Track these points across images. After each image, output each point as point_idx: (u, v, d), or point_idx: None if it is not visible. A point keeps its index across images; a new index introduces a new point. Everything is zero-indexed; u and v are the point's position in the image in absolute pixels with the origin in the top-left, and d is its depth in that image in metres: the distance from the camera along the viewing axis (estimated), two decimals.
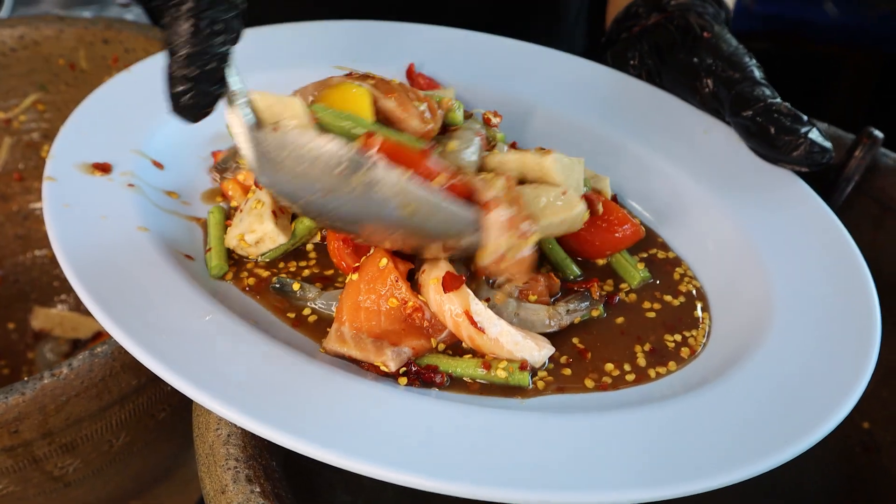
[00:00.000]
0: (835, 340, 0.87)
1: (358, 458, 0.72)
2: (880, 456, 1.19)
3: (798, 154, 1.01)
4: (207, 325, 0.83)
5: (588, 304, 0.94)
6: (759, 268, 0.97)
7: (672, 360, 0.91)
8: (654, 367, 0.90)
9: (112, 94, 1.09)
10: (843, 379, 0.83)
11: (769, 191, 1.05)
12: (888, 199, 1.15)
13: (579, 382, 0.87)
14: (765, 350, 0.87)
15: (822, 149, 1.01)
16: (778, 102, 1.03)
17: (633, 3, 1.23)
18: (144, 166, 1.02)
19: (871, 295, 0.91)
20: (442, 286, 0.86)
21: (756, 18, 2.80)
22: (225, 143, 1.10)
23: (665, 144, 1.13)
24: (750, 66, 1.08)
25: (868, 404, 0.83)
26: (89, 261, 0.86)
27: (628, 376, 0.88)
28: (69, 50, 1.43)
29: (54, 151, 0.99)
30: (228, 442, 0.80)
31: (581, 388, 0.86)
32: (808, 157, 1.01)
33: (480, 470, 0.72)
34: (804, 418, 0.80)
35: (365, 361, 0.85)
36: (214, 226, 0.98)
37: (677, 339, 0.93)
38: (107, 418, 1.02)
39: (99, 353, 0.97)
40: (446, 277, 0.86)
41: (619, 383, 0.87)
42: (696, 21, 1.15)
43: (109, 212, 0.93)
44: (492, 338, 0.85)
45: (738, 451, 0.76)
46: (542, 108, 1.17)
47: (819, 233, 0.99)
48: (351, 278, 0.89)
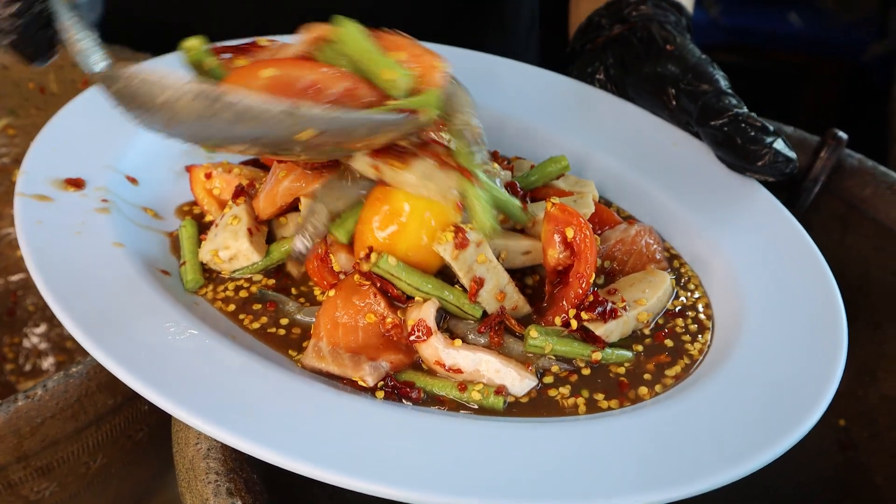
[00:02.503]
0: (805, 344, 0.89)
1: (338, 470, 0.72)
2: (857, 453, 1.20)
3: (763, 164, 1.04)
4: (185, 341, 0.82)
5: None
6: (728, 276, 0.98)
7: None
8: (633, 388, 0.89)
9: (83, 109, 1.08)
10: (815, 380, 0.85)
11: (737, 203, 1.06)
12: (854, 199, 1.17)
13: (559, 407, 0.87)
14: (737, 357, 0.88)
15: (786, 159, 1.03)
16: (745, 113, 1.06)
17: (595, 14, 1.24)
18: (118, 181, 1.01)
19: (837, 299, 0.93)
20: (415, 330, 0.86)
21: (723, 30, 2.85)
22: (199, 157, 1.10)
23: (634, 156, 1.14)
24: (716, 76, 1.10)
25: (843, 402, 0.84)
26: (64, 277, 0.85)
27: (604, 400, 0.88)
28: (39, 73, 1.43)
29: (26, 167, 0.98)
30: (209, 456, 0.80)
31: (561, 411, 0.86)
32: (773, 166, 1.04)
33: (466, 480, 0.72)
34: (780, 421, 0.81)
35: (343, 377, 0.85)
36: (187, 239, 0.98)
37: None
38: (83, 440, 1.01)
39: (74, 373, 0.96)
40: (419, 324, 0.86)
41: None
42: (659, 32, 1.16)
43: (83, 228, 0.92)
44: (470, 371, 0.86)
45: (716, 457, 0.77)
46: (511, 120, 1.18)
47: (784, 241, 1.01)
48: (328, 294, 0.89)
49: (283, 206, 0.97)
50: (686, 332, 0.95)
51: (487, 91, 1.21)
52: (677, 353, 0.92)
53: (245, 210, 0.98)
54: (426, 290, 0.88)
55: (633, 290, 0.95)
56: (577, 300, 0.90)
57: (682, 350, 0.92)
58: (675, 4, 1.21)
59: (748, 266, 0.98)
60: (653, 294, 0.95)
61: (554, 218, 0.91)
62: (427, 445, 0.76)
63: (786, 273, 0.97)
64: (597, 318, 0.90)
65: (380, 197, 0.90)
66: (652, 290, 0.95)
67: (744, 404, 0.83)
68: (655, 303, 0.95)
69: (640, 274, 0.98)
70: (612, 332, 0.91)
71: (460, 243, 0.87)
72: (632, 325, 0.93)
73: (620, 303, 0.92)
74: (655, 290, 0.95)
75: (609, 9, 1.22)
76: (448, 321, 0.90)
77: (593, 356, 0.89)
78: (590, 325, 0.90)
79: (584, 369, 0.89)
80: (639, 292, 0.95)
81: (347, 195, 0.90)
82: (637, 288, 0.95)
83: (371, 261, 0.87)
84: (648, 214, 1.10)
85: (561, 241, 0.91)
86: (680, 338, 0.94)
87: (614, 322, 0.90)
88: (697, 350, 0.93)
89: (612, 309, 0.90)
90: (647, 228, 1.01)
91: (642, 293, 0.94)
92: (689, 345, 0.93)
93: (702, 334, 0.95)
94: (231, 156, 1.11)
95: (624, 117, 1.18)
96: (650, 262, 1.00)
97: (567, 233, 0.90)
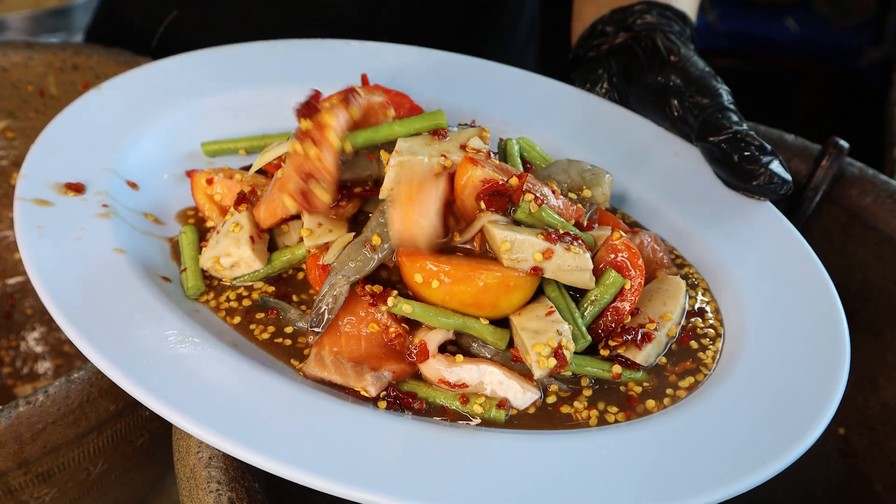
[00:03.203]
0: (808, 355, 0.89)
1: (339, 480, 0.72)
2: (857, 461, 1.20)
3: (758, 183, 1.04)
4: (186, 348, 0.82)
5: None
6: (730, 288, 0.98)
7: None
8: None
9: (83, 112, 1.07)
10: (819, 392, 0.85)
11: (740, 215, 1.06)
12: (855, 207, 1.17)
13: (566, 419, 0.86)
14: (740, 369, 0.88)
15: (781, 180, 1.04)
16: (744, 130, 1.06)
17: (598, 21, 1.24)
18: (118, 186, 1.01)
19: (839, 311, 0.93)
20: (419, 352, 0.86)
21: (720, 36, 2.85)
22: (200, 162, 1.10)
23: (636, 166, 1.13)
24: (718, 90, 1.10)
25: (843, 410, 0.84)
26: (65, 283, 0.85)
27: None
28: (38, 76, 1.42)
29: (25, 171, 0.97)
30: (210, 465, 0.80)
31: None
32: (768, 187, 1.04)
33: (466, 491, 0.72)
34: (785, 433, 0.81)
35: (345, 386, 0.85)
36: (188, 246, 0.97)
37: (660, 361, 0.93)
38: (84, 445, 1.01)
39: (75, 378, 0.96)
40: (420, 345, 0.86)
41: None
42: (664, 42, 1.16)
43: (83, 234, 0.92)
44: (475, 384, 0.86)
45: (719, 470, 0.77)
46: (513, 129, 1.17)
47: (787, 252, 1.01)
48: None
49: (284, 217, 0.96)
50: (705, 336, 0.94)
51: (488, 99, 1.21)
52: (693, 361, 0.92)
53: (247, 217, 0.97)
54: (449, 325, 0.87)
55: (655, 305, 0.94)
56: (608, 332, 0.90)
57: (697, 360, 0.92)
58: (679, 14, 1.21)
59: (750, 277, 0.98)
60: (674, 305, 0.94)
61: (614, 249, 0.92)
62: (428, 456, 0.76)
63: (787, 284, 0.97)
64: (627, 344, 0.89)
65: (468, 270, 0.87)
66: (672, 300, 0.95)
67: (747, 417, 0.83)
68: (679, 312, 0.95)
69: (654, 283, 0.97)
70: (650, 355, 0.90)
71: (560, 366, 0.84)
72: (664, 342, 0.93)
73: (650, 324, 0.91)
74: (676, 300, 0.95)
75: (613, 17, 1.22)
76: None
77: (613, 370, 0.88)
78: (628, 353, 0.89)
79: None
80: (660, 305, 0.94)
81: (366, 265, 0.89)
82: (657, 301, 0.95)
83: (388, 304, 0.86)
84: (650, 224, 1.10)
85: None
86: (700, 340, 0.94)
87: (650, 345, 0.90)
88: (710, 358, 0.92)
89: (646, 333, 0.90)
90: (651, 235, 1.01)
91: (664, 306, 0.94)
92: (701, 353, 0.93)
93: (713, 342, 0.94)
94: (232, 161, 1.10)
95: (626, 126, 1.18)
96: (660, 269, 1.00)
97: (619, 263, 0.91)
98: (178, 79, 1.15)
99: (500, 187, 0.88)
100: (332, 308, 0.88)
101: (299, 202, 0.90)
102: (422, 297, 0.88)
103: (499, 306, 0.87)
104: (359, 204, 0.96)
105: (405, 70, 1.19)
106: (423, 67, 1.22)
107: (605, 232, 0.95)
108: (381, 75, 1.13)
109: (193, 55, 1.18)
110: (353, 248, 0.90)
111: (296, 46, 1.21)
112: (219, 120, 1.12)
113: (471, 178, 0.88)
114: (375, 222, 0.91)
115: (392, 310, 0.86)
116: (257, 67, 1.19)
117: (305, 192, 0.89)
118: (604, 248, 0.93)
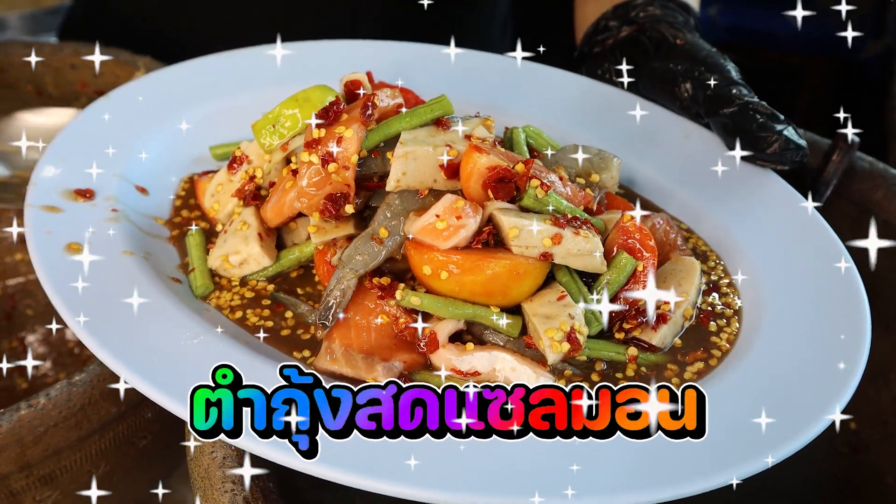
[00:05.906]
0: (825, 341, 0.87)
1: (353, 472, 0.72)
2: (868, 455, 1.20)
3: (772, 151, 1.02)
4: (199, 347, 0.82)
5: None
6: (746, 270, 0.98)
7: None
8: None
9: (91, 120, 1.08)
10: (833, 379, 0.83)
11: (752, 193, 1.05)
12: (866, 202, 1.17)
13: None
14: (755, 352, 0.87)
15: (796, 146, 1.02)
16: (755, 101, 1.04)
17: (602, 17, 1.24)
18: (127, 191, 1.02)
19: (861, 296, 0.92)
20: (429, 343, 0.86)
21: (720, 29, 2.84)
22: (207, 164, 1.10)
23: (645, 149, 1.13)
24: (727, 67, 1.09)
25: (855, 404, 0.83)
26: (75, 288, 0.85)
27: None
28: (37, 76, 1.42)
29: (35, 179, 0.98)
30: (224, 465, 0.79)
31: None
32: (783, 154, 1.02)
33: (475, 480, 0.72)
34: (796, 418, 0.79)
35: (356, 378, 0.84)
36: (195, 247, 0.98)
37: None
38: (86, 448, 1.00)
39: (77, 381, 0.95)
40: (430, 335, 0.85)
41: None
42: (669, 31, 1.16)
43: (93, 238, 0.92)
44: (487, 371, 0.85)
45: (730, 453, 0.76)
46: (522, 119, 1.17)
47: (805, 234, 1.00)
48: None
49: (290, 216, 0.96)
50: (722, 316, 0.93)
51: (491, 90, 1.21)
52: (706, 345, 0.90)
53: (254, 215, 0.98)
54: (459, 315, 0.86)
55: (669, 286, 0.93)
56: (622, 315, 0.89)
57: (711, 344, 0.90)
58: (682, 5, 1.20)
59: (767, 258, 0.97)
60: (689, 285, 0.93)
61: (625, 232, 0.91)
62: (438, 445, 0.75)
63: (806, 267, 0.96)
64: (641, 326, 0.88)
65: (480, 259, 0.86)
66: (686, 280, 0.93)
67: (759, 401, 0.81)
68: (694, 293, 0.93)
69: (668, 265, 0.96)
70: (667, 336, 0.89)
71: (573, 350, 0.84)
72: (680, 323, 0.91)
73: (665, 305, 0.90)
74: (690, 280, 0.93)
75: (616, 12, 1.21)
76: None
77: (629, 352, 0.87)
78: (643, 336, 0.88)
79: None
80: (675, 286, 0.93)
81: (374, 258, 0.89)
82: (671, 282, 0.93)
83: (397, 297, 0.86)
84: (661, 206, 1.09)
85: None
86: (717, 321, 0.92)
87: (665, 326, 0.89)
88: (725, 340, 0.91)
89: (661, 314, 0.89)
90: (663, 216, 1.00)
91: (679, 287, 0.93)
92: (715, 337, 0.91)
93: (729, 322, 0.93)
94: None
95: (633, 111, 1.17)
96: (673, 250, 0.98)
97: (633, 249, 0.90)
98: (185, 84, 1.17)
99: (506, 174, 0.87)
100: (341, 302, 0.87)
101: (328, 216, 0.91)
102: (431, 289, 0.87)
103: (509, 294, 0.86)
104: (366, 198, 0.95)
105: (405, 65, 1.20)
106: (424, 62, 1.23)
107: (615, 215, 0.94)
108: (384, 73, 1.13)
109: (200, 61, 1.20)
110: (360, 242, 0.89)
111: (300, 48, 1.22)
112: (226, 123, 1.14)
113: (476, 165, 0.87)
114: (382, 215, 0.90)
115: (401, 303, 0.86)
116: (261, 71, 1.19)
117: (331, 205, 0.90)
118: (615, 232, 0.92)
